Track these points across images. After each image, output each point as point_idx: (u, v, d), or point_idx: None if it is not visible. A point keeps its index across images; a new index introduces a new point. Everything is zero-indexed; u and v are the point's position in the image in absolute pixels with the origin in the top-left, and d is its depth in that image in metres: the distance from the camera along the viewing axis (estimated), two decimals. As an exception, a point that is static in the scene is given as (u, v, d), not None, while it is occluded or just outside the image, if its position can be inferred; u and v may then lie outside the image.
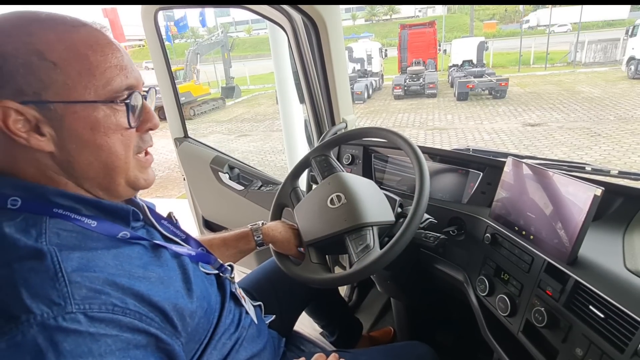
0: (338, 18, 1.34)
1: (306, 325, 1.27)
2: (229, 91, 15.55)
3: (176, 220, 0.72)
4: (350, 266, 0.86)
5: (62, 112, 0.50)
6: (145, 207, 0.65)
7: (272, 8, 1.43)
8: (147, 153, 0.62)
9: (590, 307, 0.66)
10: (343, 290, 1.82)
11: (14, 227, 0.47)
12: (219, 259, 0.75)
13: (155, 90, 0.68)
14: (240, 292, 0.80)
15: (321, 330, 1.39)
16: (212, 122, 11.59)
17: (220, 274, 0.74)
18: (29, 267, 0.44)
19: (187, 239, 0.71)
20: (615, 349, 0.60)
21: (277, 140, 8.62)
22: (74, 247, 0.49)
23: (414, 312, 1.41)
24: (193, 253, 0.67)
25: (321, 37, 1.30)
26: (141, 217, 0.63)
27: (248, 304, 0.82)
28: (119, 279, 0.49)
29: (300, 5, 1.27)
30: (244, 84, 18.36)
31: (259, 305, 0.88)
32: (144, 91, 0.60)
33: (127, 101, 0.54)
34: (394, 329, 1.57)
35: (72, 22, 0.52)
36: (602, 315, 0.64)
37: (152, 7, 1.65)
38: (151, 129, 0.61)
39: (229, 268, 0.78)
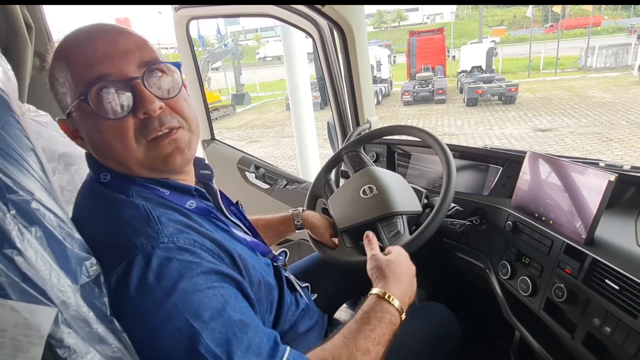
0: (363, 23, 1.43)
1: (348, 316, 1.37)
2: (239, 98, 15.80)
3: (242, 207, 0.81)
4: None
5: (74, 119, 0.60)
6: (218, 193, 0.74)
7: (299, 16, 1.53)
8: (169, 132, 0.59)
9: (607, 280, 0.73)
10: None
11: (110, 191, 0.59)
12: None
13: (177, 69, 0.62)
14: (292, 278, 0.87)
15: None
16: (222, 129, 11.76)
17: (274, 263, 0.80)
18: (128, 214, 0.55)
19: (250, 227, 0.80)
20: (630, 316, 0.67)
21: (287, 147, 8.73)
22: (156, 204, 0.59)
23: (436, 300, 1.48)
24: (249, 239, 0.73)
25: (347, 41, 1.39)
26: (210, 198, 0.71)
27: (300, 288, 0.88)
28: (195, 227, 0.59)
29: (326, 12, 1.37)
30: (254, 91, 18.61)
31: (307, 287, 0.95)
32: (142, 73, 0.57)
33: (82, 97, 0.55)
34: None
35: (65, 36, 0.58)
36: (617, 287, 0.71)
37: (185, 17, 1.77)
38: (146, 114, 0.56)
39: (282, 258, 0.83)
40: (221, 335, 0.50)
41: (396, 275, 0.74)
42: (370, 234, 0.88)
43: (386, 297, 0.69)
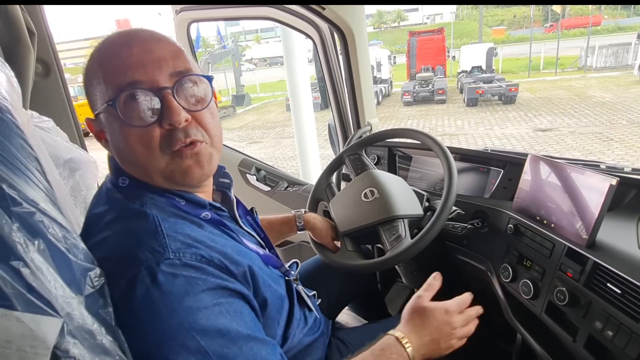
0: (363, 26, 1.44)
1: (350, 318, 1.39)
2: (240, 99, 15.82)
3: (256, 214, 0.81)
4: (381, 255, 0.94)
5: (101, 121, 0.60)
6: (235, 202, 0.73)
7: (299, 19, 1.54)
8: (193, 145, 0.58)
9: (608, 284, 0.73)
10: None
11: (125, 197, 0.59)
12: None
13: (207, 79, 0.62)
14: (302, 290, 0.85)
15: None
16: (223, 130, 11.67)
17: (286, 277, 0.78)
18: (136, 225, 0.55)
19: (265, 238, 0.79)
20: (632, 319, 0.67)
21: (287, 147, 8.73)
22: (169, 214, 0.59)
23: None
24: (261, 252, 0.71)
25: (348, 44, 1.40)
26: (226, 209, 0.71)
27: (309, 299, 0.86)
28: (205, 240, 0.58)
29: (327, 15, 1.37)
30: (254, 92, 18.62)
31: (313, 295, 0.94)
32: (173, 83, 0.57)
33: (110, 102, 0.55)
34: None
35: (103, 39, 0.58)
36: (619, 291, 0.71)
37: (186, 20, 1.77)
38: (172, 125, 0.56)
39: (293, 272, 0.81)
40: (228, 351, 0.50)
41: (423, 327, 0.72)
42: (439, 276, 0.83)
43: (403, 342, 0.68)
